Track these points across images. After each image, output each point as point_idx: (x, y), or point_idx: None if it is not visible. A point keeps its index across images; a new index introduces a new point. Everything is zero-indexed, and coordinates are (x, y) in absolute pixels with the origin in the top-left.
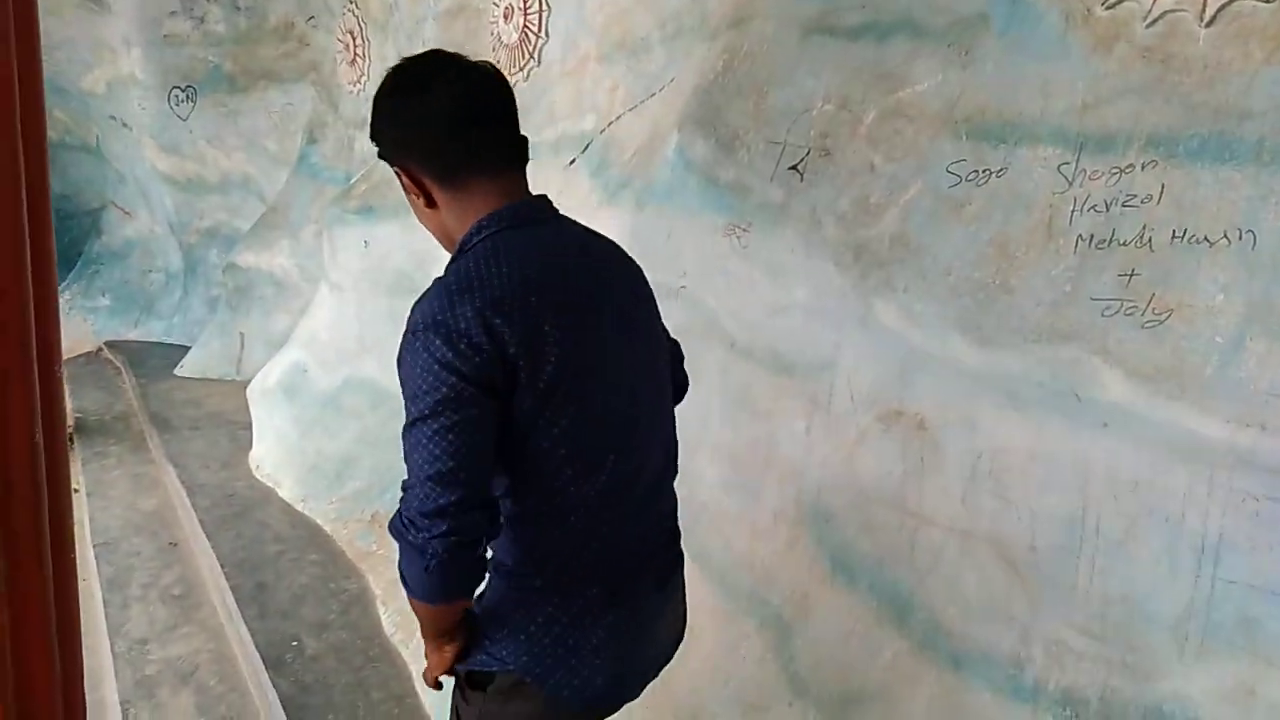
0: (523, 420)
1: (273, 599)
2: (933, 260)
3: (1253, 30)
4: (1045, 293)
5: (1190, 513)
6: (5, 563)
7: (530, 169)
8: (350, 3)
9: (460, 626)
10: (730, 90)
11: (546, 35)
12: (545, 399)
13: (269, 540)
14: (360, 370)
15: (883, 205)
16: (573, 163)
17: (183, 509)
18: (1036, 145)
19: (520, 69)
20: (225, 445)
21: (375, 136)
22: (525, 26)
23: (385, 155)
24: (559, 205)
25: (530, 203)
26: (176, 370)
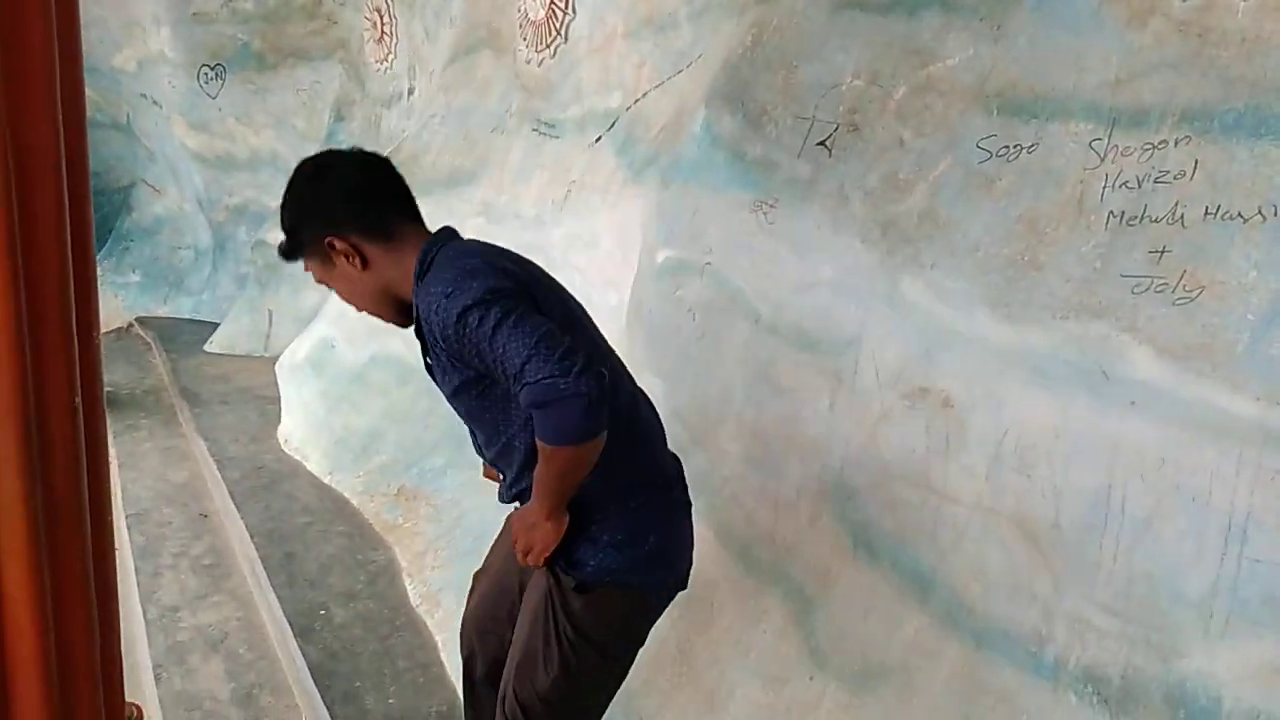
0: None
1: (301, 569)
2: (961, 236)
3: None
4: (1075, 269)
5: (1218, 491)
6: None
7: (555, 147)
8: None
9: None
10: (758, 65)
11: (574, 11)
12: (559, 319)
13: (297, 512)
14: (387, 346)
15: (911, 181)
16: (598, 140)
17: (212, 481)
18: (1068, 120)
19: (547, 45)
20: (254, 419)
21: (297, 225)
22: (553, 3)
23: (311, 237)
24: (583, 185)
25: (449, 228)
26: (206, 346)
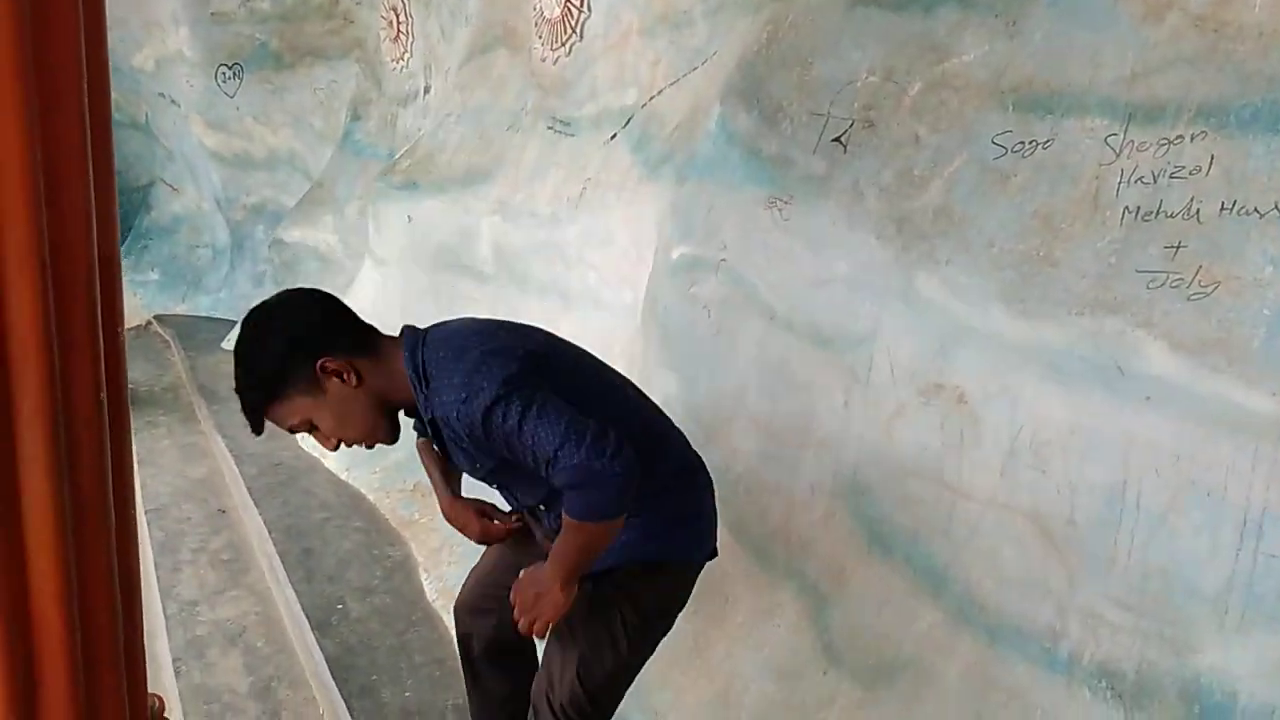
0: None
1: (318, 564)
2: (977, 232)
3: None
4: (1090, 265)
5: (1233, 486)
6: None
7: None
8: None
9: None
10: (774, 62)
11: (589, 9)
12: (569, 380)
13: (315, 508)
14: None
15: (926, 177)
16: (614, 137)
17: (231, 477)
18: (1084, 116)
19: (562, 43)
20: None
21: (281, 360)
22: (568, 1)
23: (301, 366)
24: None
25: (408, 325)
26: (224, 343)
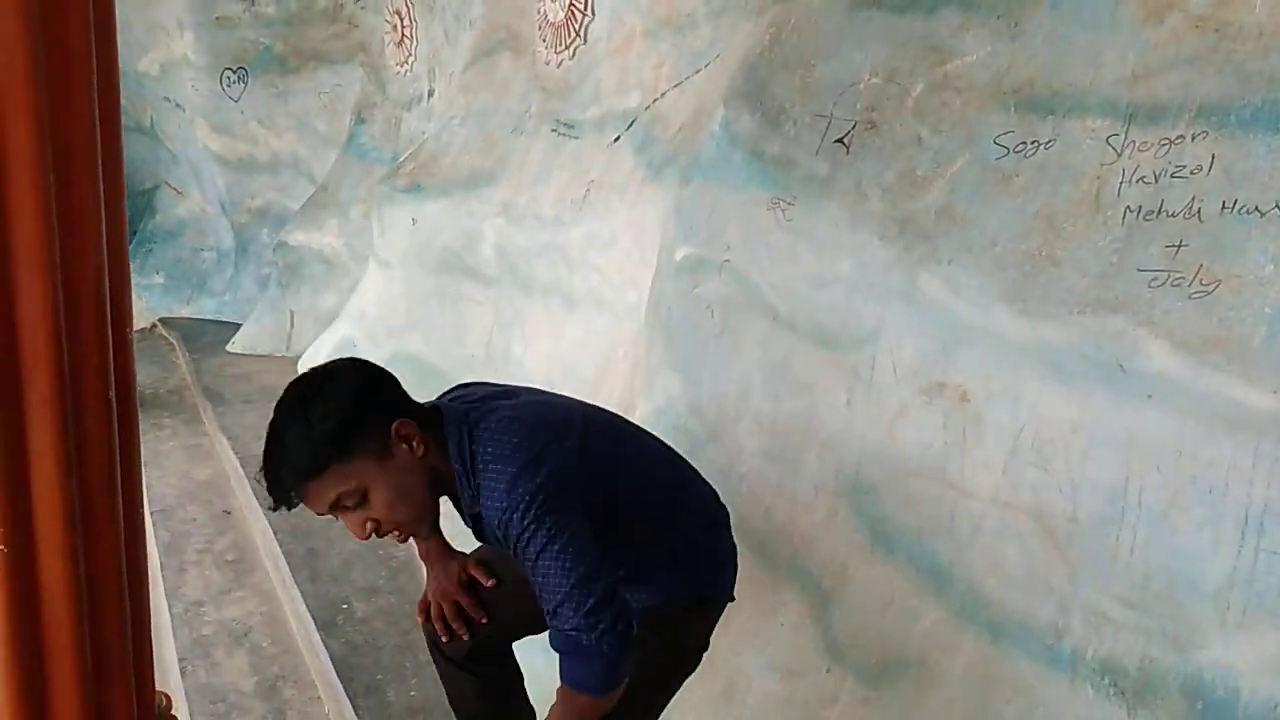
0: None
1: (324, 564)
2: (979, 233)
3: None
4: (1092, 264)
5: (1234, 483)
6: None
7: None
8: None
9: None
10: (776, 64)
11: (592, 13)
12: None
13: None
14: (407, 346)
15: (929, 178)
16: (617, 140)
17: (236, 479)
18: (1085, 116)
19: (566, 46)
20: None
21: (352, 421)
22: (572, 4)
23: (374, 429)
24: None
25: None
26: (228, 346)
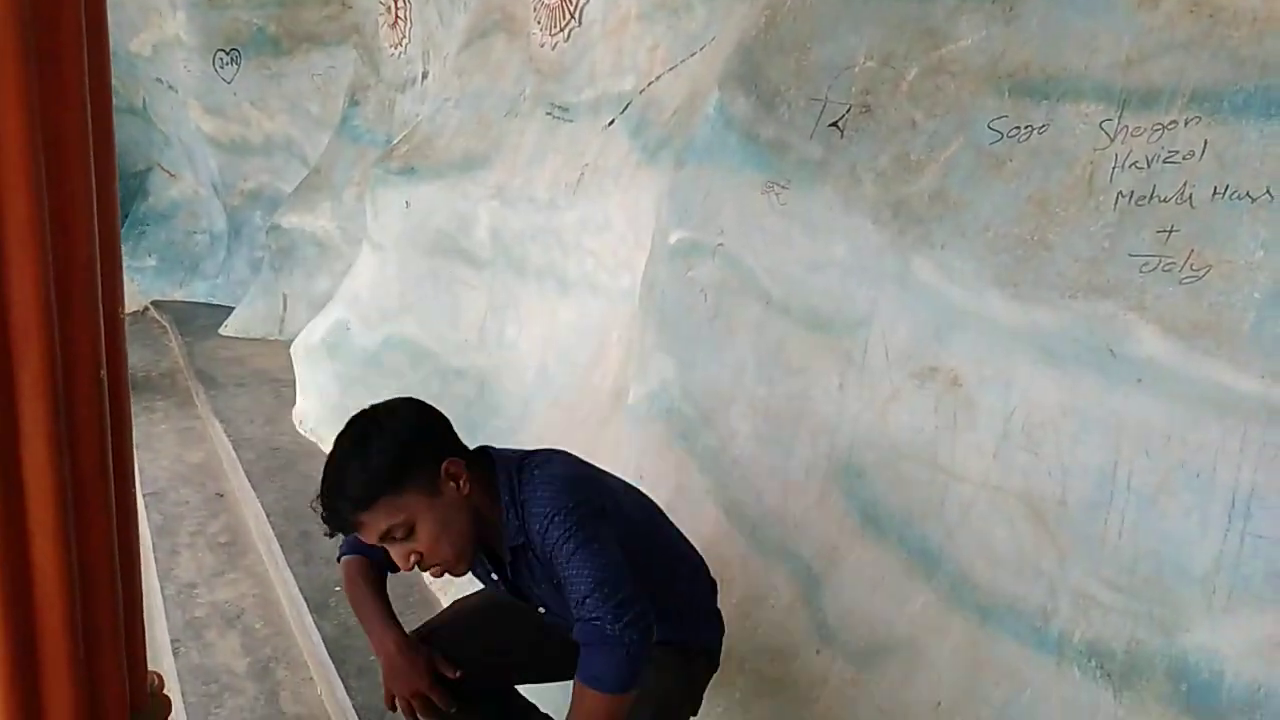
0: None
1: (317, 547)
2: (972, 217)
3: None
4: (1084, 249)
5: (1222, 467)
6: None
7: (568, 130)
8: None
9: None
10: (771, 47)
11: None
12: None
13: (313, 491)
14: (401, 329)
15: (923, 162)
16: (612, 123)
17: (228, 461)
18: (1079, 101)
19: (561, 28)
20: (269, 401)
21: (409, 454)
22: None
23: (427, 464)
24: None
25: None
26: (221, 329)
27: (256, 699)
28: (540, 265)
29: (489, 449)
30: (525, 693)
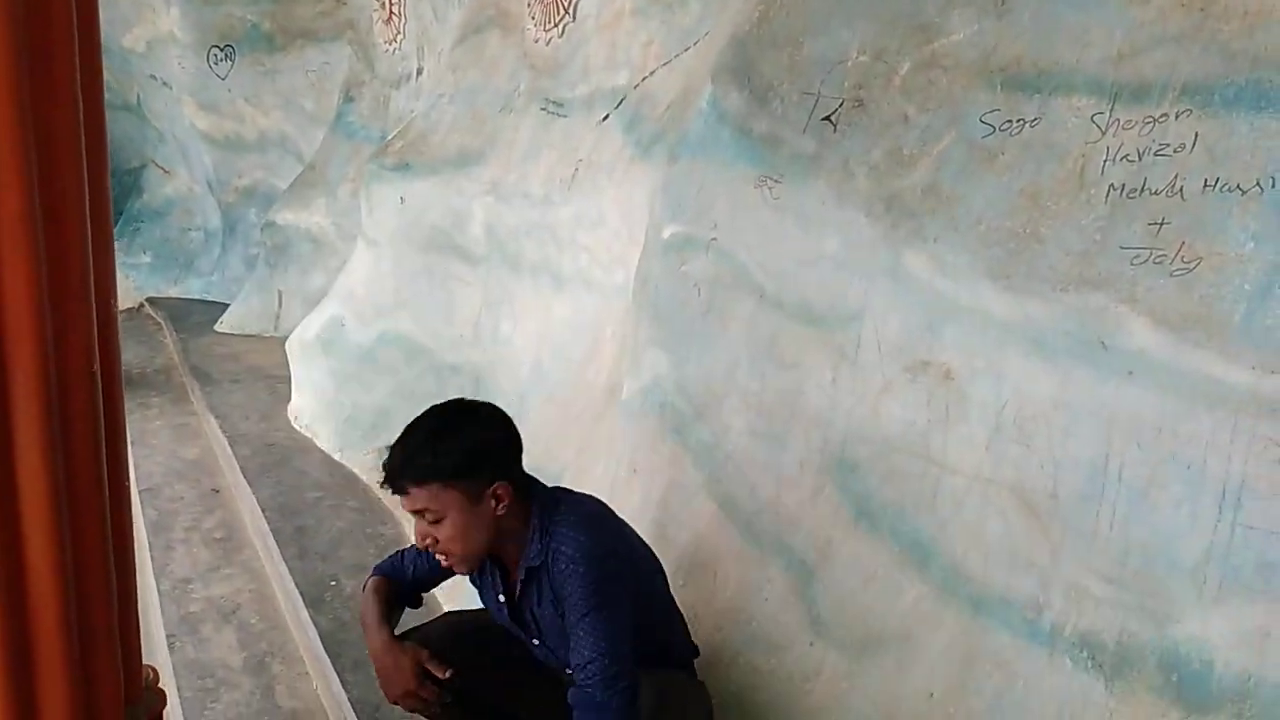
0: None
1: (312, 542)
2: (964, 210)
3: None
4: (1075, 242)
5: (1212, 459)
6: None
7: (563, 126)
8: None
9: None
10: (765, 42)
11: None
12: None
13: (308, 487)
14: (396, 325)
15: (915, 156)
16: (606, 118)
17: (224, 457)
18: (1071, 95)
19: (555, 24)
20: (264, 398)
21: (479, 462)
22: None
23: (485, 477)
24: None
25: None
26: (216, 326)
27: (252, 694)
28: (535, 261)
29: (535, 480)
30: None
